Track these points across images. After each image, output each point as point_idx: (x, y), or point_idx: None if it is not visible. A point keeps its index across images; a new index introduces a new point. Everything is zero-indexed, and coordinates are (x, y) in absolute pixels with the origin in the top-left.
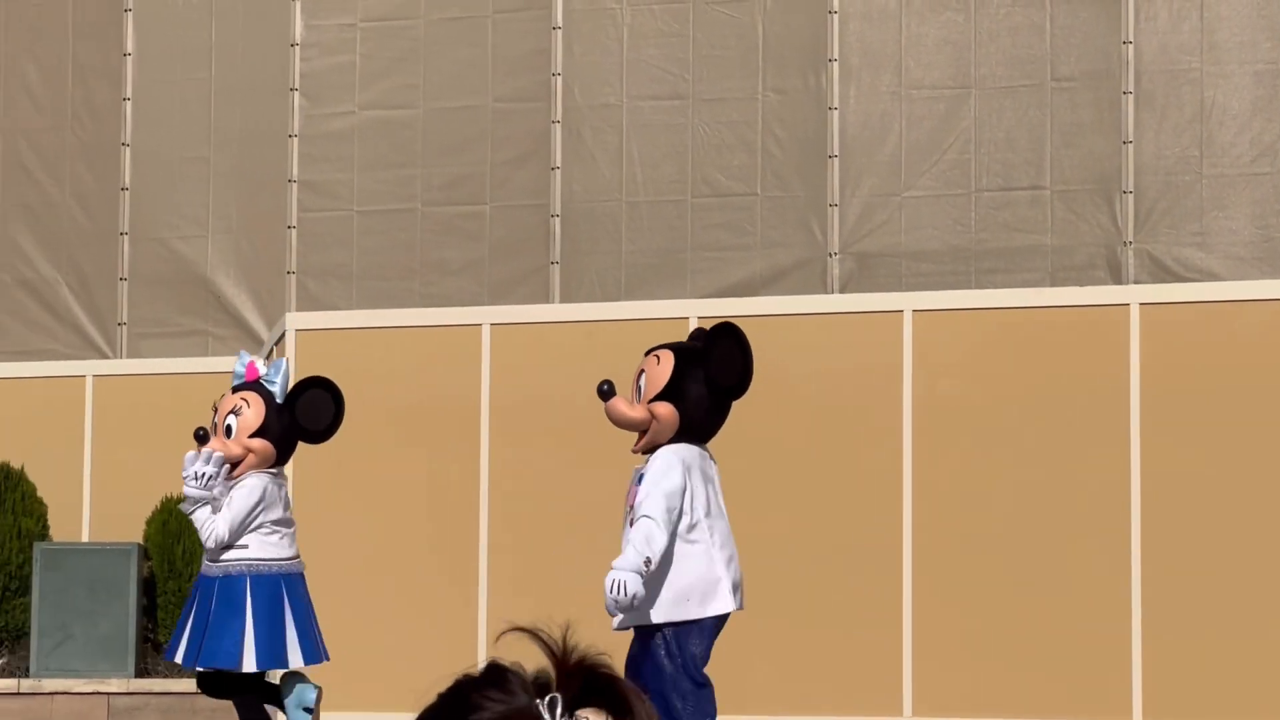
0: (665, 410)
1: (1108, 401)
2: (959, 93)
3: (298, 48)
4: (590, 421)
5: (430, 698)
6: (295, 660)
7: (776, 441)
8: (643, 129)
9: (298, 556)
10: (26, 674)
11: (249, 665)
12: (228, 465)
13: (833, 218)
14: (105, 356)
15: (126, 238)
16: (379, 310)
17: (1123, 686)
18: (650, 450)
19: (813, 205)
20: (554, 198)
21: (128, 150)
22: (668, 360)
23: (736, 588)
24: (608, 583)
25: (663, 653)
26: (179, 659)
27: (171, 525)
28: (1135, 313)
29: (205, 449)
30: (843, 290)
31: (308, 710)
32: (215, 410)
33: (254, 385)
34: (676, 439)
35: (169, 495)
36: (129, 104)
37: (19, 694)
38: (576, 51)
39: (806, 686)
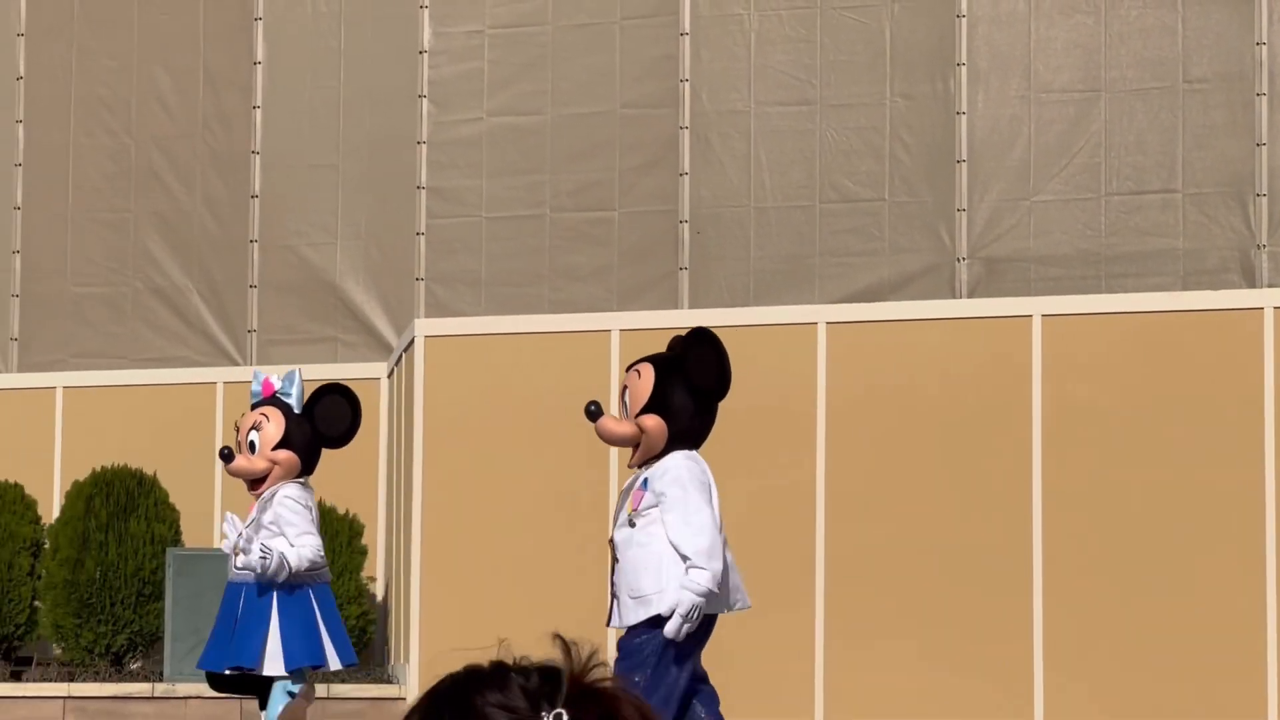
0: (652, 422)
1: (1240, 406)
2: (1089, 96)
3: (426, 55)
4: (720, 425)
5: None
6: (334, 662)
7: (905, 448)
8: (771, 134)
9: (326, 564)
10: (160, 678)
11: (272, 669)
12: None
13: (961, 222)
14: (235, 363)
15: (256, 245)
16: (508, 316)
17: (1257, 693)
18: (646, 462)
19: (941, 210)
20: (682, 203)
21: (258, 158)
22: (648, 373)
23: (736, 588)
24: (686, 606)
25: (648, 649)
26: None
27: None
28: (1269, 316)
29: (229, 519)
30: (971, 295)
31: (290, 694)
32: (237, 429)
33: (271, 400)
34: (670, 447)
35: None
36: (259, 112)
37: (153, 698)
38: (704, 57)
39: (937, 694)
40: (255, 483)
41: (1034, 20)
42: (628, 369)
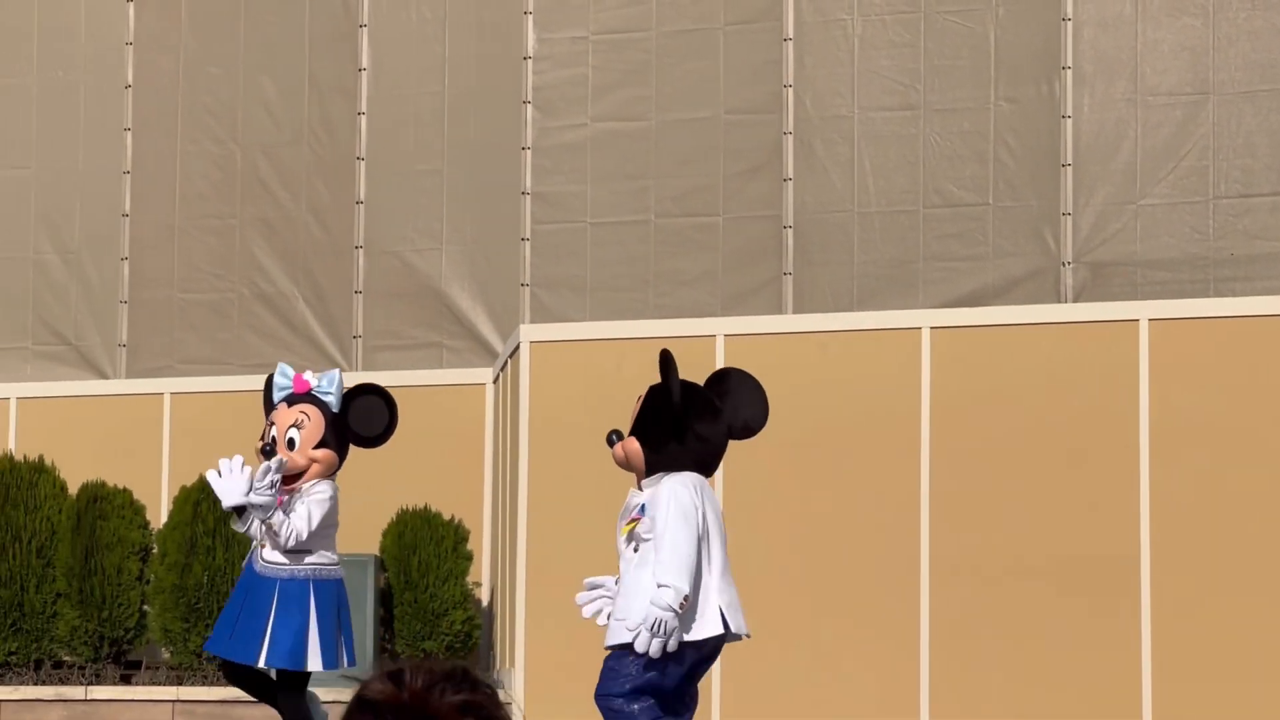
0: (631, 446)
1: None
2: (1196, 99)
3: (530, 61)
4: (824, 431)
5: None
6: (344, 661)
7: (1009, 454)
8: (874, 140)
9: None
10: None
11: (313, 665)
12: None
13: (1066, 227)
14: (341, 369)
15: (361, 251)
16: (612, 322)
17: None
18: (648, 482)
19: (1046, 214)
20: (786, 209)
21: (362, 164)
22: (643, 399)
23: (732, 611)
24: (651, 621)
25: (627, 670)
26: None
27: (407, 537)
28: None
29: (275, 459)
30: (1076, 300)
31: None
32: (272, 424)
33: (309, 398)
34: (670, 470)
35: (405, 507)
36: (364, 118)
37: (259, 702)
38: (808, 63)
39: (1041, 701)
40: (292, 478)
41: (1140, 23)
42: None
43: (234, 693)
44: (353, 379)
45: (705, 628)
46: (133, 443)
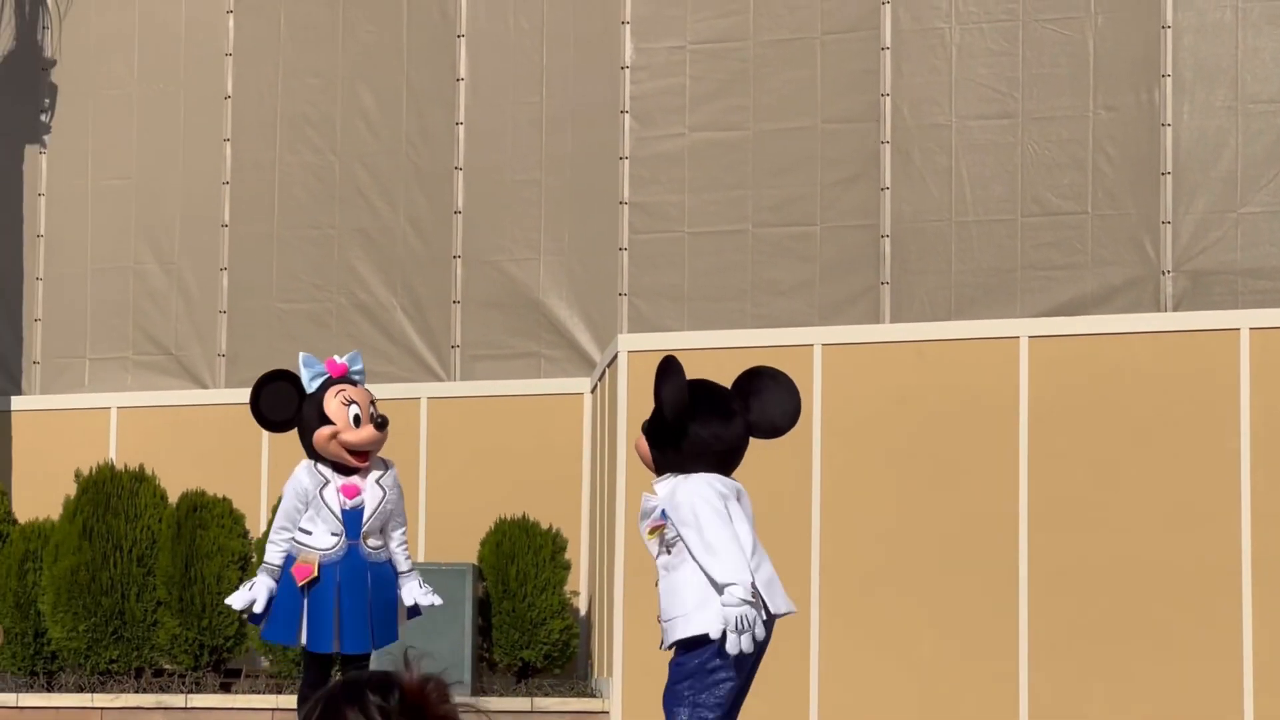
0: (640, 444)
1: None
2: None
3: (628, 70)
4: (921, 439)
5: None
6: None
7: (1109, 462)
8: (972, 148)
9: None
10: None
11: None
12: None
13: (1165, 235)
14: (439, 379)
15: (459, 261)
16: (710, 331)
17: None
18: (661, 481)
19: (1145, 223)
20: (884, 218)
21: (460, 174)
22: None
23: (770, 593)
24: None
25: (690, 665)
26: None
27: (505, 546)
28: None
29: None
30: (1176, 308)
31: None
32: (350, 400)
33: (346, 379)
34: (682, 470)
35: (503, 516)
36: (462, 128)
37: None
38: (906, 71)
39: (1140, 709)
40: (365, 455)
41: (1241, 30)
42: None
43: None
44: (451, 389)
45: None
46: (232, 452)
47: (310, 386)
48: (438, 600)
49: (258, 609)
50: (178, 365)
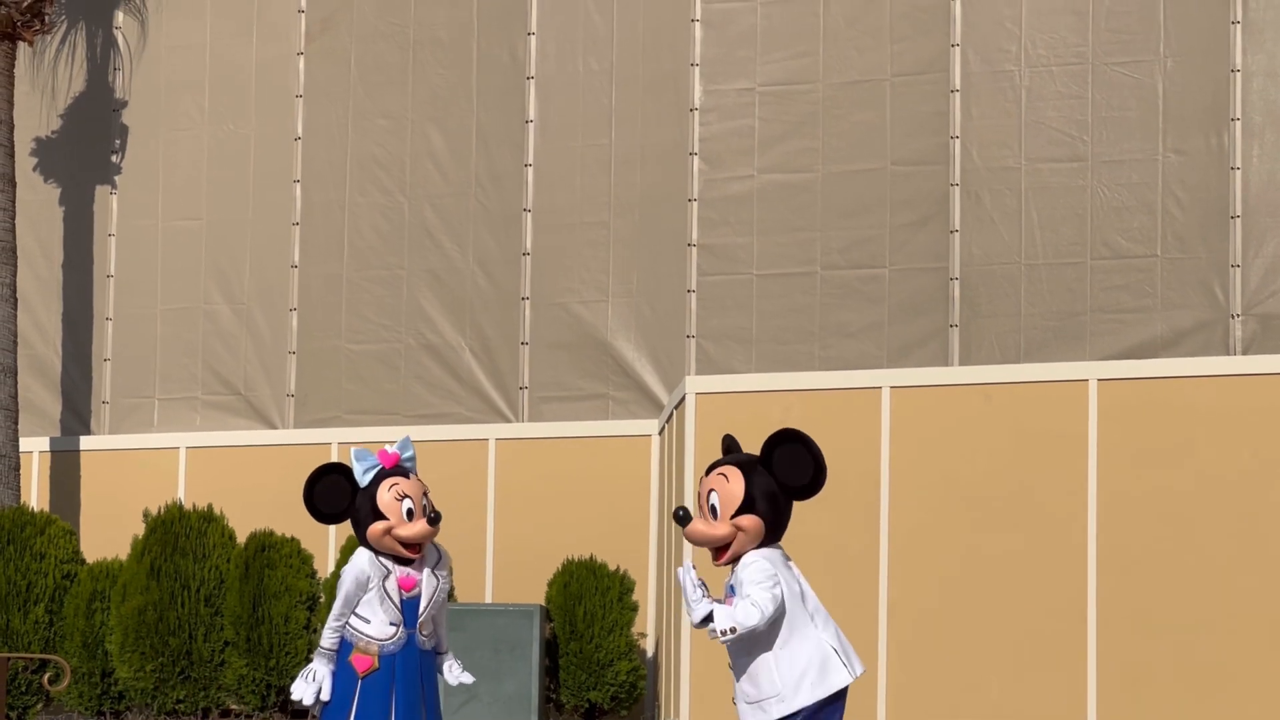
0: (750, 521)
1: None
2: None
3: (697, 113)
4: (989, 482)
5: None
6: None
7: (1179, 504)
8: (1041, 191)
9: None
10: None
11: None
12: None
13: (1235, 279)
14: (507, 420)
15: (528, 302)
16: (778, 374)
17: None
18: (735, 561)
19: (1214, 266)
20: (953, 260)
21: (529, 215)
22: (736, 474)
23: (849, 655)
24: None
25: None
26: None
27: (573, 587)
28: None
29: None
30: (1245, 352)
31: None
32: (403, 495)
33: (401, 469)
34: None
35: (570, 557)
36: (530, 170)
37: None
38: (975, 114)
39: None
40: (418, 547)
41: None
42: (707, 472)
43: None
44: (519, 430)
45: (835, 677)
46: (300, 492)
47: (363, 480)
48: (470, 679)
49: (325, 697)
50: (247, 405)
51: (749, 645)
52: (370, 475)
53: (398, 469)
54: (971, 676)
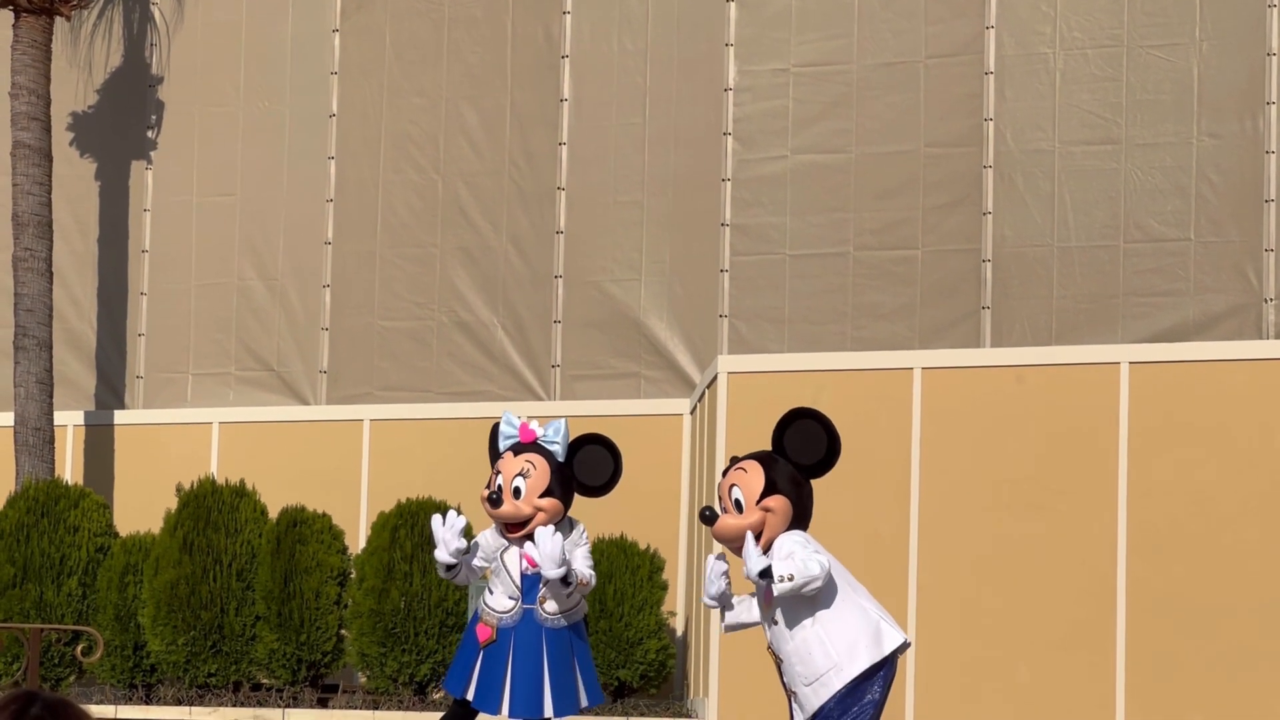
0: (777, 502)
1: None
2: None
3: (731, 93)
4: (1020, 465)
5: None
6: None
7: (1210, 490)
8: (1075, 174)
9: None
10: None
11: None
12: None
13: (1268, 263)
14: (539, 398)
15: (561, 281)
16: (810, 354)
17: None
18: (768, 547)
19: (1248, 250)
20: (985, 242)
21: (563, 195)
22: (755, 467)
23: (893, 623)
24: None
25: (836, 715)
26: (548, 712)
27: (603, 565)
28: None
29: (452, 517)
30: (1278, 336)
31: None
32: (498, 473)
33: (534, 446)
34: (787, 528)
35: (601, 535)
36: (565, 149)
37: None
38: (1009, 96)
39: None
40: (516, 526)
41: None
42: (727, 470)
43: (429, 717)
44: (551, 408)
45: (888, 640)
46: (332, 468)
47: (502, 445)
48: (554, 573)
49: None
50: (279, 381)
51: (794, 625)
52: (506, 444)
53: (532, 445)
54: (1001, 659)
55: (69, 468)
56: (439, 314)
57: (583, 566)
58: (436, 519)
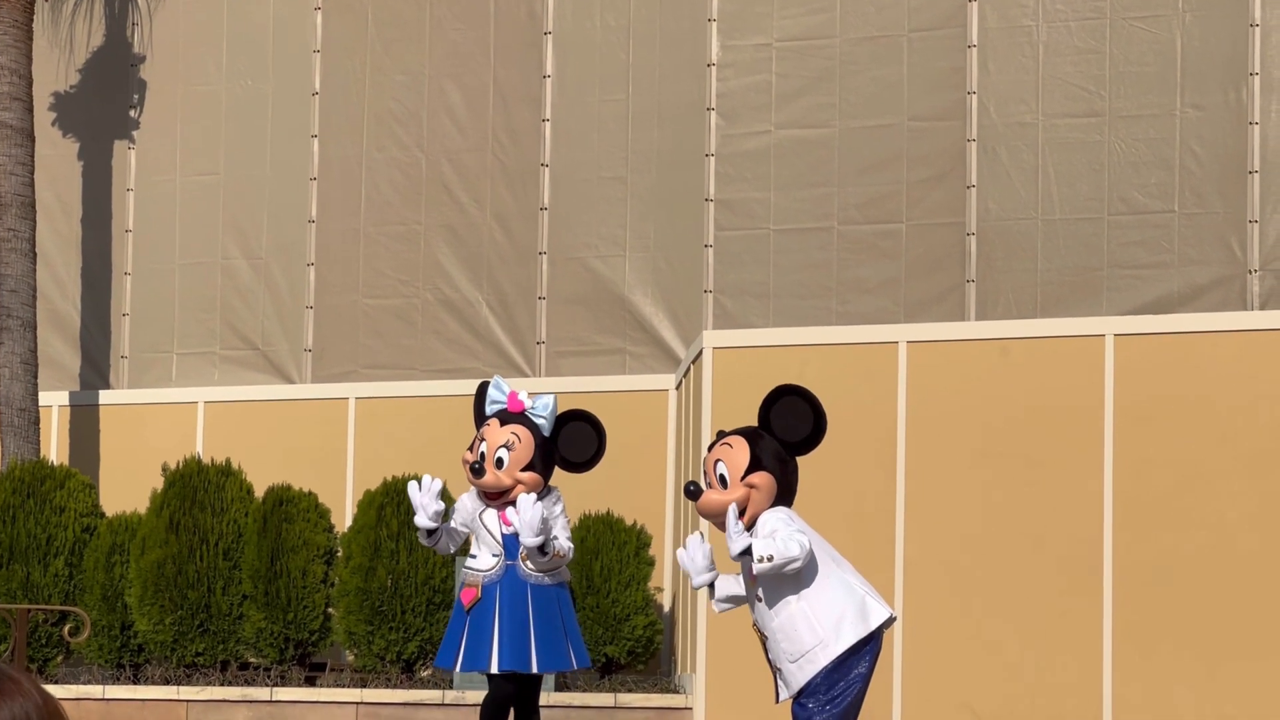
0: (761, 478)
1: None
2: None
3: (714, 68)
4: (1006, 437)
5: None
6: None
7: (1195, 461)
8: (1059, 146)
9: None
10: (451, 685)
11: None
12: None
13: (1253, 234)
14: (524, 375)
15: (545, 257)
16: (795, 328)
17: None
18: (751, 524)
19: (1232, 222)
20: (970, 216)
21: (547, 171)
22: (740, 442)
23: (878, 597)
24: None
25: (823, 690)
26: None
27: (590, 542)
28: None
29: (427, 481)
30: (1263, 307)
31: None
32: (482, 440)
33: (521, 418)
34: (771, 506)
35: (587, 512)
36: (548, 125)
37: (443, 705)
38: (992, 69)
39: (1226, 710)
40: (497, 495)
41: None
42: (712, 445)
43: (417, 695)
44: (536, 385)
45: (873, 615)
46: (318, 447)
47: (488, 410)
48: (531, 542)
49: (434, 507)
50: (264, 360)
51: (778, 602)
52: (494, 409)
53: (519, 417)
54: (988, 632)
55: (54, 448)
56: (424, 291)
57: (563, 539)
58: (413, 485)
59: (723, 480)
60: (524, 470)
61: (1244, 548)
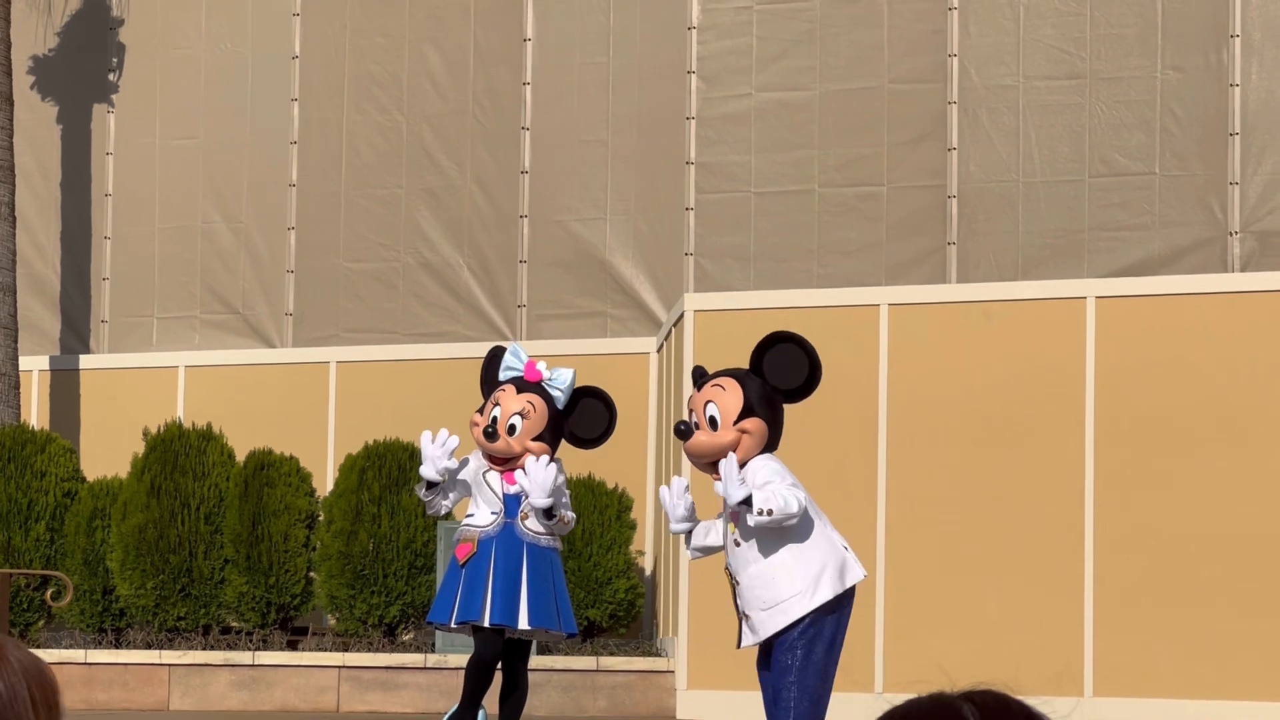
0: (754, 424)
1: None
2: None
3: (695, 31)
4: (987, 400)
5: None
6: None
7: (1176, 423)
8: (1040, 109)
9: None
10: (432, 649)
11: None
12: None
13: (1233, 196)
14: (505, 338)
15: (526, 220)
16: (776, 291)
17: None
18: (741, 467)
19: (1212, 184)
20: (950, 178)
21: (527, 134)
22: (732, 384)
23: (854, 558)
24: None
25: (800, 646)
26: (521, 622)
27: (571, 506)
28: None
29: (444, 435)
30: (1244, 269)
31: None
32: (495, 404)
33: (537, 388)
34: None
35: (568, 475)
36: (529, 89)
37: (425, 669)
38: (973, 31)
39: (1205, 675)
40: (504, 460)
41: None
42: (699, 383)
43: (399, 659)
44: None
45: (850, 574)
46: (299, 410)
47: (502, 375)
48: (542, 502)
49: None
50: (245, 324)
51: (758, 549)
52: (508, 375)
53: (535, 386)
54: (969, 593)
55: (35, 413)
56: (404, 255)
57: (566, 507)
58: (425, 435)
59: (712, 422)
60: (534, 440)
61: (1224, 508)
